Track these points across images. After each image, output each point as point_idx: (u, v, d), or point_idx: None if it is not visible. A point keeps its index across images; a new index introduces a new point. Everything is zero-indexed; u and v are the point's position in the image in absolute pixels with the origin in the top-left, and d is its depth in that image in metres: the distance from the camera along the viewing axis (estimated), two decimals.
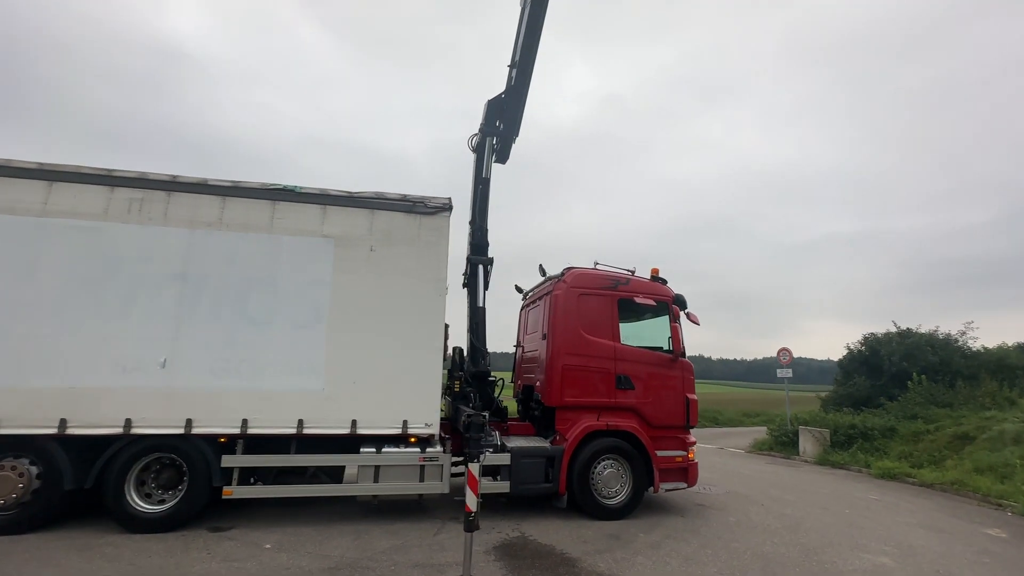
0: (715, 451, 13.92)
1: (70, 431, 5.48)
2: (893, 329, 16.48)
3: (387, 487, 6.20)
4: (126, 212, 6.02)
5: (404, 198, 6.78)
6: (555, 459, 6.65)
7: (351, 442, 6.20)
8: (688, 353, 7.59)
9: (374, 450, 6.21)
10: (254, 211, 6.35)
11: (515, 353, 9.04)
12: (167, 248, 6.04)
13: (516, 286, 9.23)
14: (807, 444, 12.65)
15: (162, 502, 5.76)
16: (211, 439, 5.83)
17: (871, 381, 15.23)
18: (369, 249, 6.56)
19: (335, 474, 6.40)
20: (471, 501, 4.73)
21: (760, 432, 16.16)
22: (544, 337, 7.41)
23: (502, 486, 6.51)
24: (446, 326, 8.34)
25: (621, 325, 7.65)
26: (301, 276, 6.31)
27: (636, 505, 6.88)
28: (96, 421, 5.56)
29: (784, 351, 14.18)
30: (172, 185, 6.20)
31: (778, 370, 14.25)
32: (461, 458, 6.54)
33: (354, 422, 6.14)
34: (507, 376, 8.97)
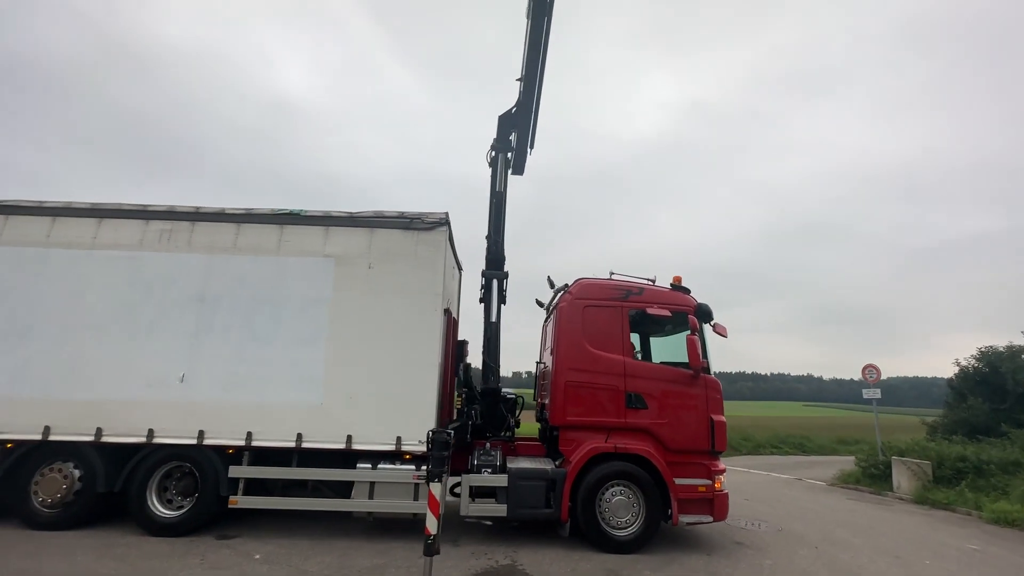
0: (789, 482, 12.31)
1: (104, 439, 6.13)
2: (1019, 342, 13.66)
3: (381, 505, 6.16)
4: (157, 242, 6.72)
5: (402, 215, 6.89)
6: (556, 483, 6.22)
7: (349, 457, 6.28)
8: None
9: (370, 466, 6.23)
10: (264, 236, 6.79)
11: (536, 369, 8.73)
12: (189, 272, 6.63)
13: (537, 300, 8.97)
14: (902, 478, 10.75)
15: (180, 508, 6.20)
16: (220, 450, 6.20)
17: (991, 404, 12.66)
18: (367, 266, 6.71)
19: (340, 489, 6.48)
20: (431, 524, 4.55)
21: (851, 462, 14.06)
22: (552, 352, 7.06)
23: (499, 509, 6.20)
24: (464, 342, 8.35)
25: (646, 340, 7.10)
26: (304, 294, 6.60)
27: (649, 538, 6.21)
28: (125, 431, 6.16)
29: (871, 368, 12.28)
30: (196, 216, 6.83)
31: (864, 390, 12.36)
32: (459, 478, 6.35)
33: (349, 437, 6.22)
34: (530, 393, 8.69)
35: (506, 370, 8.34)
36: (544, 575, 5.30)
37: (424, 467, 6.21)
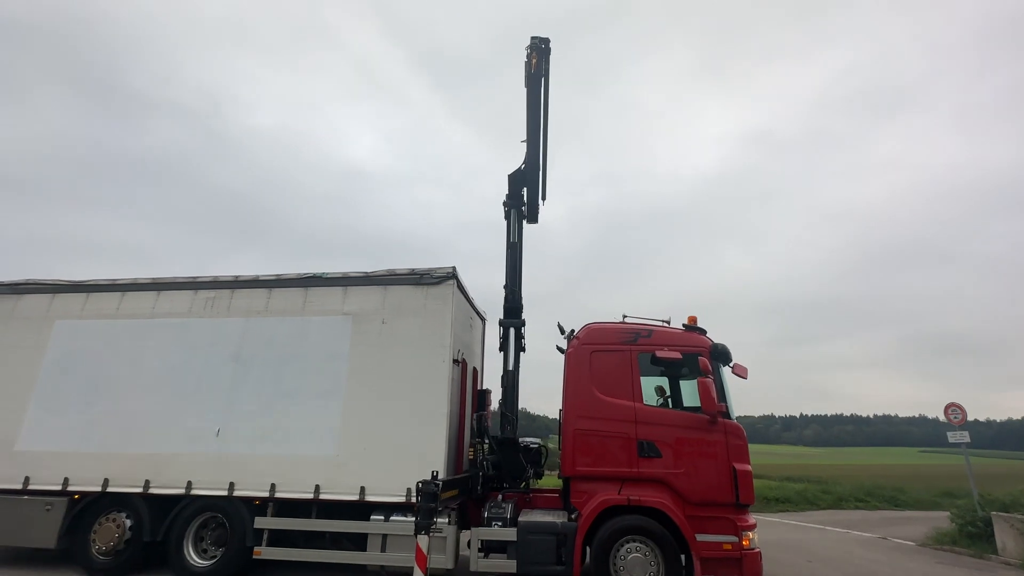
0: (869, 542, 10.83)
1: (151, 491, 6.75)
2: None
3: (392, 558, 6.22)
4: (203, 308, 7.56)
5: (412, 272, 7.30)
6: (567, 537, 5.98)
7: (364, 509, 6.44)
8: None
9: (383, 518, 6.35)
10: (291, 298, 7.43)
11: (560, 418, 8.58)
12: (228, 334, 7.35)
13: (557, 346, 8.93)
14: (1006, 538, 9.14)
15: (213, 558, 6.61)
16: (248, 501, 6.60)
17: None
18: (381, 322, 7.11)
19: (358, 540, 6.61)
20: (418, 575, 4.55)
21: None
22: (562, 400, 6.96)
23: (509, 565, 6.03)
24: (486, 392, 8.45)
25: (676, 385, 6.85)
26: (324, 350, 7.08)
27: None
28: (168, 482, 6.76)
29: (955, 408, 10.80)
30: (235, 283, 7.64)
31: (949, 434, 10.82)
32: (478, 528, 6.28)
33: (363, 489, 6.42)
34: (554, 442, 8.52)
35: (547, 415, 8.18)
36: None
37: (436, 519, 6.26)
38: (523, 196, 8.70)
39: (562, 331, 7.81)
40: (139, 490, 6.74)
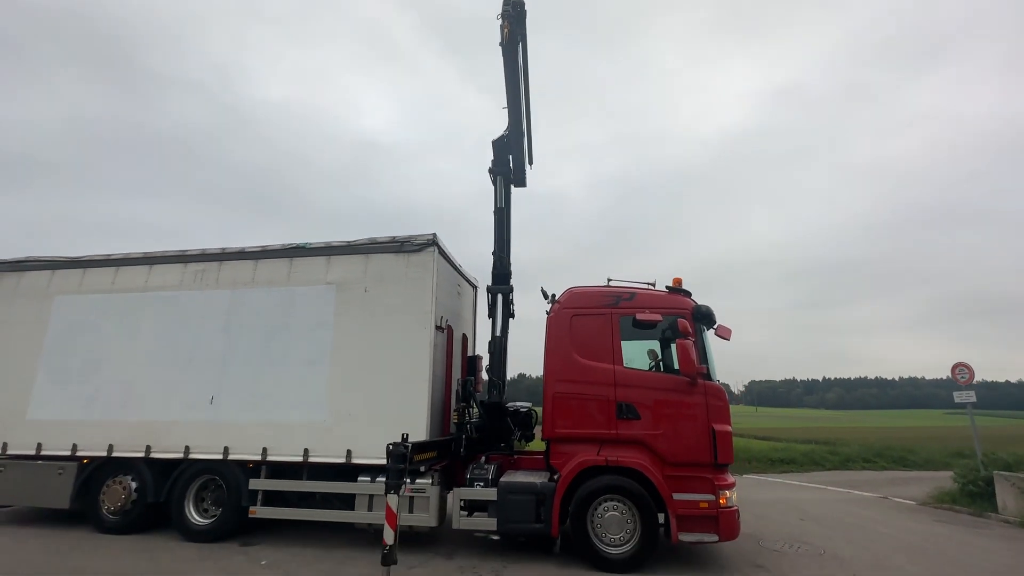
0: (869, 501, 10.81)
1: (152, 455, 7.08)
2: None
3: (379, 516, 6.39)
4: (192, 281, 7.71)
5: (393, 239, 7.29)
6: (546, 497, 6.11)
7: (352, 471, 6.65)
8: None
9: (369, 479, 6.55)
10: (277, 269, 7.51)
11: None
12: (217, 306, 7.51)
13: (542, 289, 8.86)
14: (1007, 497, 9.02)
15: (213, 516, 6.95)
16: (243, 464, 6.88)
17: None
18: (364, 290, 7.16)
19: (348, 500, 6.84)
20: (388, 535, 4.74)
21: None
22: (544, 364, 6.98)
23: (490, 523, 6.21)
24: (476, 358, 8.54)
25: (654, 349, 6.81)
26: (310, 320, 7.19)
27: (646, 557, 5.85)
28: (168, 447, 7.07)
29: (961, 368, 10.51)
30: (222, 256, 7.74)
31: (955, 393, 10.57)
32: (461, 488, 6.46)
33: (349, 452, 6.61)
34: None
35: None
36: None
37: (419, 480, 6.46)
38: (509, 162, 8.54)
39: (546, 296, 7.75)
40: (141, 455, 7.08)
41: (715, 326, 6.74)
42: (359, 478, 6.58)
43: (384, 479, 6.40)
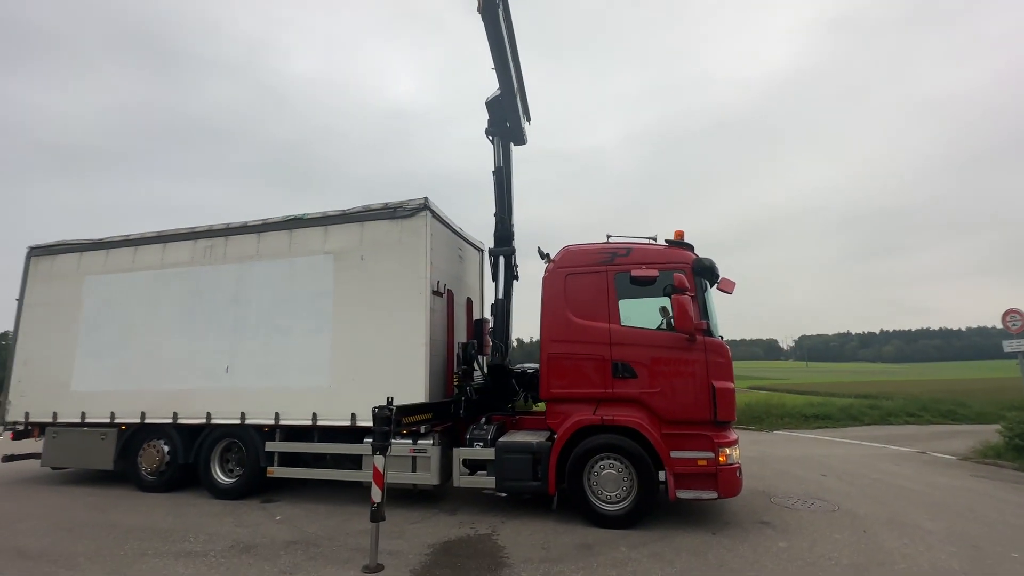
0: (904, 456, 10.32)
1: (180, 421, 7.58)
2: None
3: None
4: (203, 256, 8.00)
5: (386, 206, 7.25)
6: (542, 456, 6.14)
7: (359, 432, 6.90)
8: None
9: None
10: (278, 241, 7.67)
11: None
12: (226, 280, 7.79)
13: (538, 249, 8.69)
14: None
15: (237, 476, 7.43)
16: (259, 428, 7.26)
17: None
18: (360, 258, 7.22)
19: (357, 461, 7.13)
20: (375, 494, 4.91)
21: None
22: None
23: (489, 481, 6.34)
24: (482, 321, 8.54)
25: (666, 306, 6.56)
26: (311, 289, 7.35)
27: (644, 514, 5.83)
28: (192, 414, 7.55)
29: (1013, 314, 9.62)
30: (227, 231, 7.97)
31: (1005, 342, 9.74)
32: (461, 448, 6.59)
33: (353, 415, 6.84)
34: None
35: None
36: (514, 545, 5.32)
37: (421, 440, 6.63)
38: (505, 121, 8.26)
39: (543, 256, 7.56)
40: (170, 421, 7.60)
41: (717, 280, 6.42)
42: (364, 440, 6.80)
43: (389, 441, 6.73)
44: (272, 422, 7.15)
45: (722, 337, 6.39)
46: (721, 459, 5.72)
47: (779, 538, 5.48)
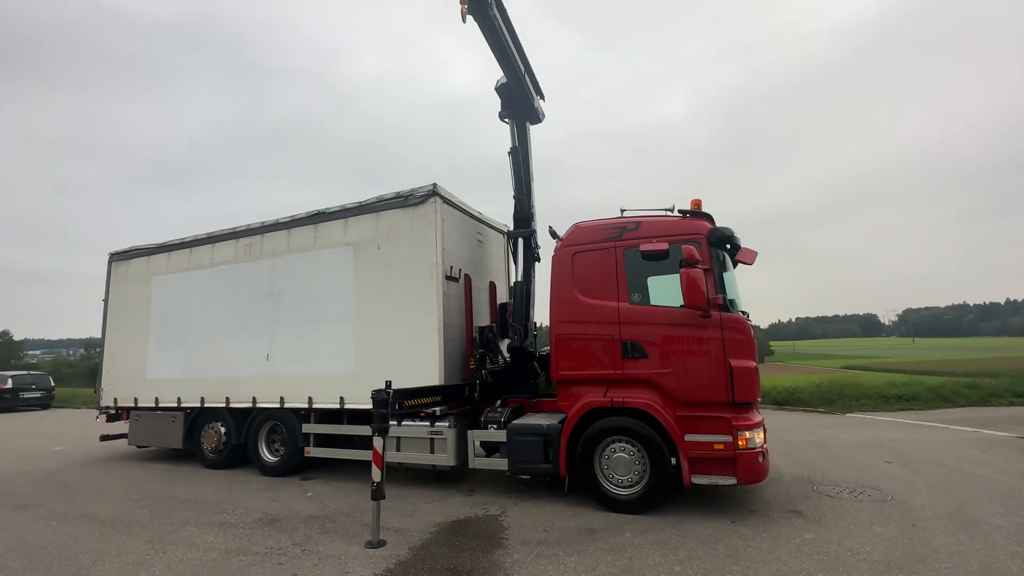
0: (999, 442, 8.97)
1: (232, 405, 8.31)
2: None
3: (405, 456, 6.94)
4: (244, 254, 8.62)
5: (398, 195, 7.39)
6: (553, 439, 6.04)
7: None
8: None
9: (396, 423, 7.03)
10: (305, 236, 8.09)
11: None
12: (263, 274, 8.35)
13: (549, 228, 8.41)
14: None
15: (281, 455, 8.03)
16: (296, 411, 7.78)
17: None
18: (376, 248, 7.44)
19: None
20: (375, 473, 5.09)
21: None
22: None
23: (501, 463, 6.35)
24: (508, 304, 8.52)
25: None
26: (334, 280, 7.69)
27: (657, 499, 5.56)
28: (241, 399, 8.23)
29: None
30: (263, 229, 8.52)
31: None
32: (475, 430, 6.67)
33: None
34: None
35: None
36: (517, 527, 5.31)
37: (438, 423, 6.78)
38: (517, 104, 8.10)
39: (554, 235, 7.38)
40: (223, 405, 8.35)
41: (740, 249, 5.91)
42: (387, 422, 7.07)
43: (407, 423, 6.96)
44: (306, 406, 7.63)
45: (745, 313, 5.90)
46: (740, 443, 5.30)
47: (807, 529, 5.01)
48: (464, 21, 6.88)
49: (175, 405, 8.84)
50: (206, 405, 8.54)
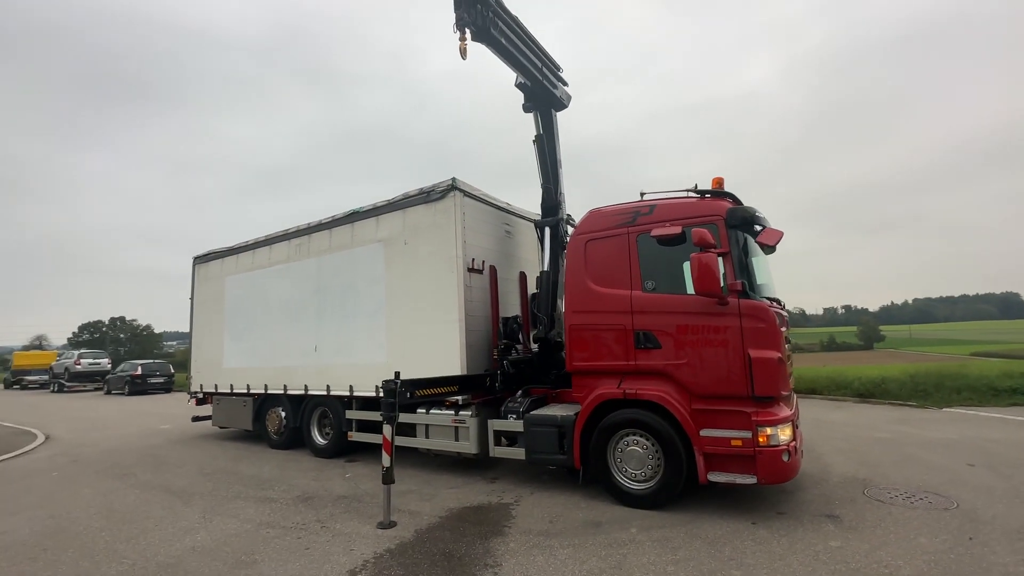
0: None
1: (288, 392, 9.11)
2: None
3: (432, 443, 7.22)
4: (295, 253, 9.35)
5: (421, 191, 7.61)
6: (567, 430, 5.97)
7: (414, 404, 7.48)
8: None
9: (424, 411, 7.33)
10: (343, 235, 8.59)
11: None
12: (311, 272, 9.01)
13: (567, 216, 8.13)
14: None
15: (329, 438, 8.68)
16: (340, 398, 8.36)
17: None
18: (403, 243, 7.73)
19: (411, 430, 7.63)
20: (384, 459, 5.38)
21: None
22: None
23: (519, 453, 6.39)
24: (535, 295, 8.52)
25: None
26: (368, 276, 8.12)
27: (671, 495, 5.32)
28: (296, 386, 8.99)
29: None
30: (309, 230, 9.17)
31: None
32: (495, 420, 6.77)
33: None
34: None
35: None
36: (525, 516, 5.34)
37: (462, 412, 6.97)
38: (538, 95, 8.00)
39: (569, 223, 7.23)
40: (282, 392, 9.18)
41: (762, 230, 5.42)
42: (417, 410, 7.39)
43: (435, 411, 7.22)
44: (348, 393, 8.17)
45: (777, 301, 5.42)
46: (760, 440, 4.91)
47: (837, 536, 4.55)
48: (465, 58, 6.73)
49: (245, 391, 9.85)
50: (269, 392, 9.44)
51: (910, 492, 5.64)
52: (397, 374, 5.74)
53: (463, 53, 6.73)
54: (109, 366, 30.29)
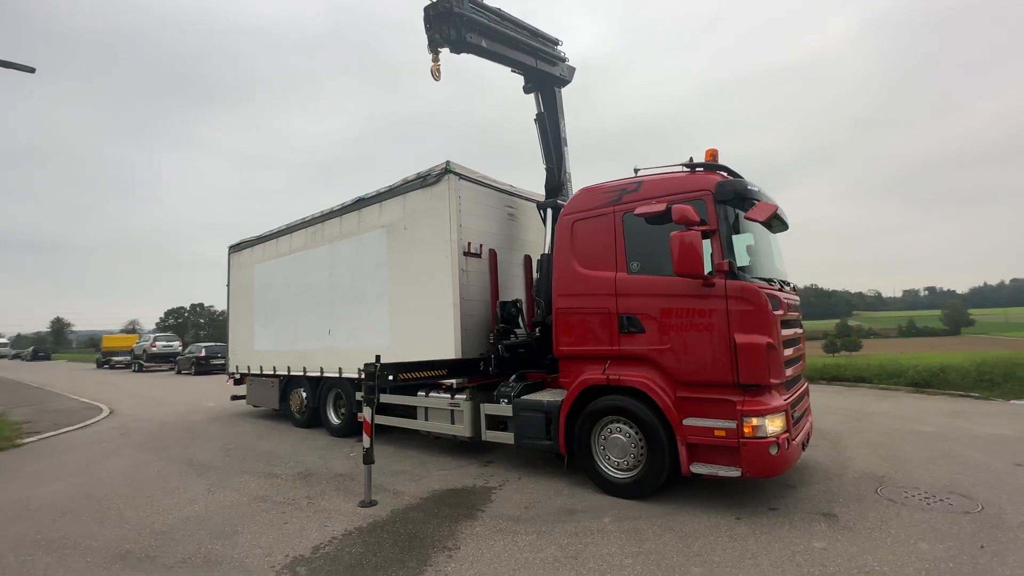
0: None
1: (307, 374, 9.52)
2: None
3: (430, 426, 7.31)
4: (311, 240, 9.67)
5: (418, 176, 7.60)
6: (553, 415, 5.84)
7: (415, 387, 7.61)
8: None
9: (424, 394, 7.43)
10: (352, 221, 8.78)
11: None
12: (324, 258, 9.29)
13: (559, 199, 7.78)
14: None
15: (343, 418, 9.01)
16: (351, 380, 8.63)
17: None
18: (403, 228, 7.79)
19: (413, 412, 7.74)
20: (364, 440, 5.49)
21: None
22: None
23: (508, 437, 6.34)
24: (538, 278, 8.37)
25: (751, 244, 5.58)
26: (373, 261, 8.26)
27: (655, 484, 5.08)
28: (313, 368, 9.37)
29: None
30: (321, 217, 9.43)
31: None
32: (487, 404, 6.75)
33: None
34: None
35: None
36: (504, 501, 5.31)
37: (457, 395, 7.00)
38: (539, 76, 7.77)
39: (558, 205, 6.97)
40: (302, 374, 9.60)
41: (756, 204, 4.99)
42: (418, 393, 7.50)
43: (434, 394, 7.30)
44: (356, 376, 8.41)
45: (783, 282, 5.02)
46: (746, 430, 4.58)
47: (825, 536, 4.19)
48: (438, 79, 6.58)
49: (272, 373, 10.40)
50: (291, 374, 9.91)
51: (931, 492, 5.10)
52: (378, 357, 5.83)
53: (435, 74, 6.61)
54: (180, 348, 33.02)
